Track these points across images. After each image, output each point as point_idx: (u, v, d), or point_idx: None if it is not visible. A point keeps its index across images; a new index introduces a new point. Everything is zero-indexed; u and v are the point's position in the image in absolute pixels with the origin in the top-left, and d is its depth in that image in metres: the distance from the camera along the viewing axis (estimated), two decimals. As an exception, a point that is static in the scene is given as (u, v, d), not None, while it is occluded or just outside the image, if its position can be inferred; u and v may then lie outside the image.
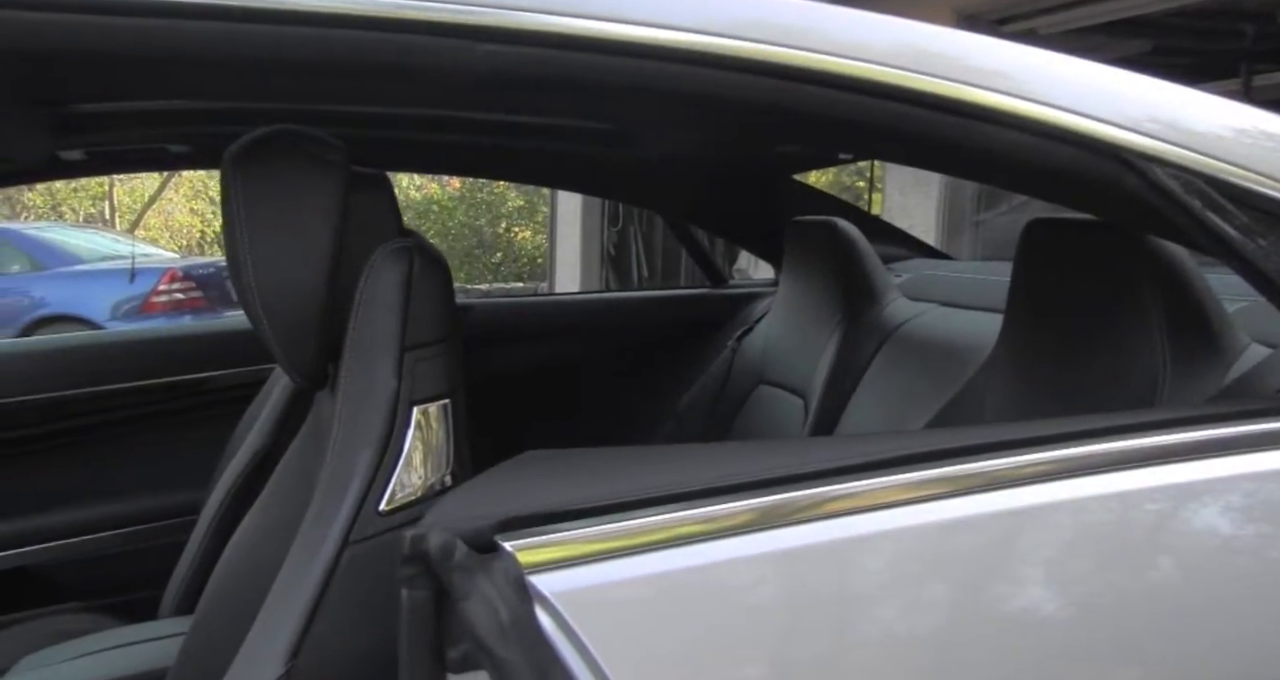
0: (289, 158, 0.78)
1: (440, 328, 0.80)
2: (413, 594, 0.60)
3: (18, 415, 1.68)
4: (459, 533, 0.58)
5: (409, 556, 0.59)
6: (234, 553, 1.05)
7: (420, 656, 0.60)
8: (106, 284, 5.80)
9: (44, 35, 0.62)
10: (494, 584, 0.56)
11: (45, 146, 1.41)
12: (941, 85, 0.70)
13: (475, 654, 0.59)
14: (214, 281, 6.17)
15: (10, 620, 1.54)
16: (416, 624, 0.60)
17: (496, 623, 0.56)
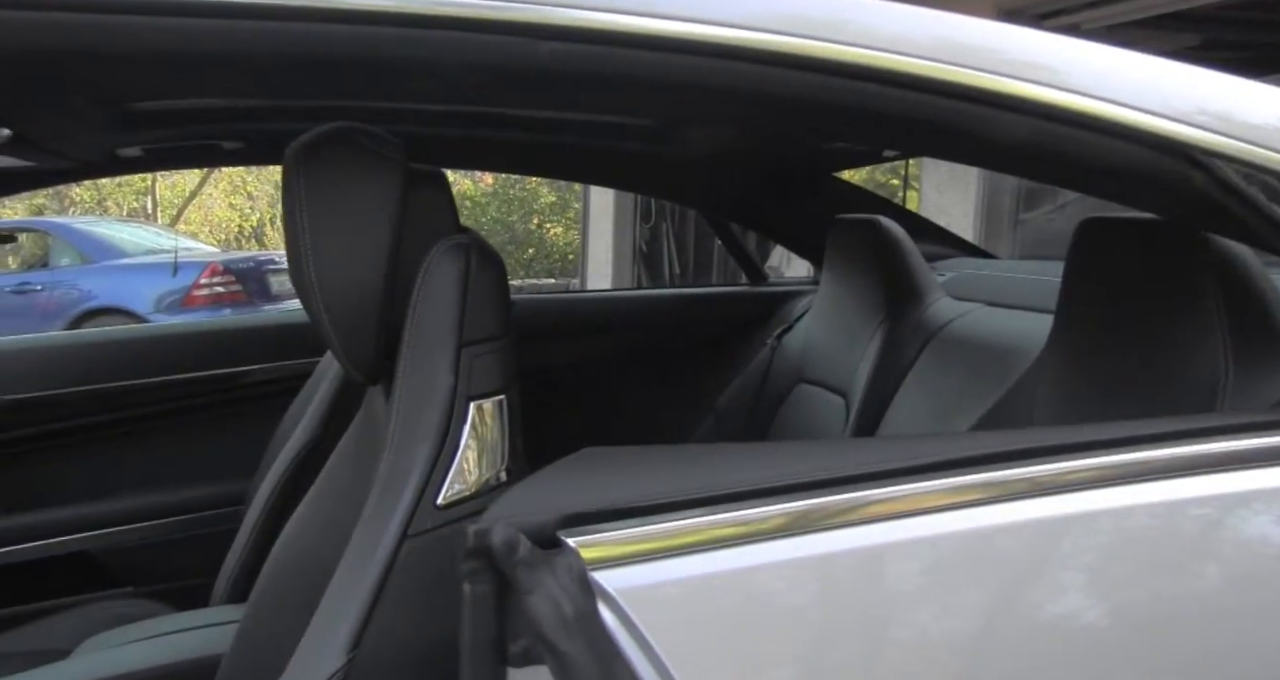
0: (350, 154, 0.79)
1: (496, 324, 0.80)
2: (475, 588, 0.60)
3: (76, 405, 1.73)
4: (522, 528, 0.59)
5: (472, 551, 0.60)
6: (285, 544, 1.07)
7: (482, 650, 0.61)
8: (150, 277, 5.92)
9: (109, 37, 0.63)
10: (557, 579, 0.57)
11: (106, 144, 1.44)
12: (997, 81, 0.70)
13: (537, 648, 0.60)
14: (253, 275, 6.28)
15: (70, 603, 1.58)
16: (478, 618, 0.60)
17: (560, 617, 0.56)
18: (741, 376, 1.96)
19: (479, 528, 0.60)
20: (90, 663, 1.15)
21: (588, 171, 1.95)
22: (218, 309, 5.86)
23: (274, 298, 6.33)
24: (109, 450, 1.79)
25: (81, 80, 0.81)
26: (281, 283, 6.53)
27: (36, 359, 1.76)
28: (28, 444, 1.71)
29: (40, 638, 1.44)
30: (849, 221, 1.69)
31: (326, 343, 0.84)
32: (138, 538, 1.75)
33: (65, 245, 6.17)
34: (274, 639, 1.04)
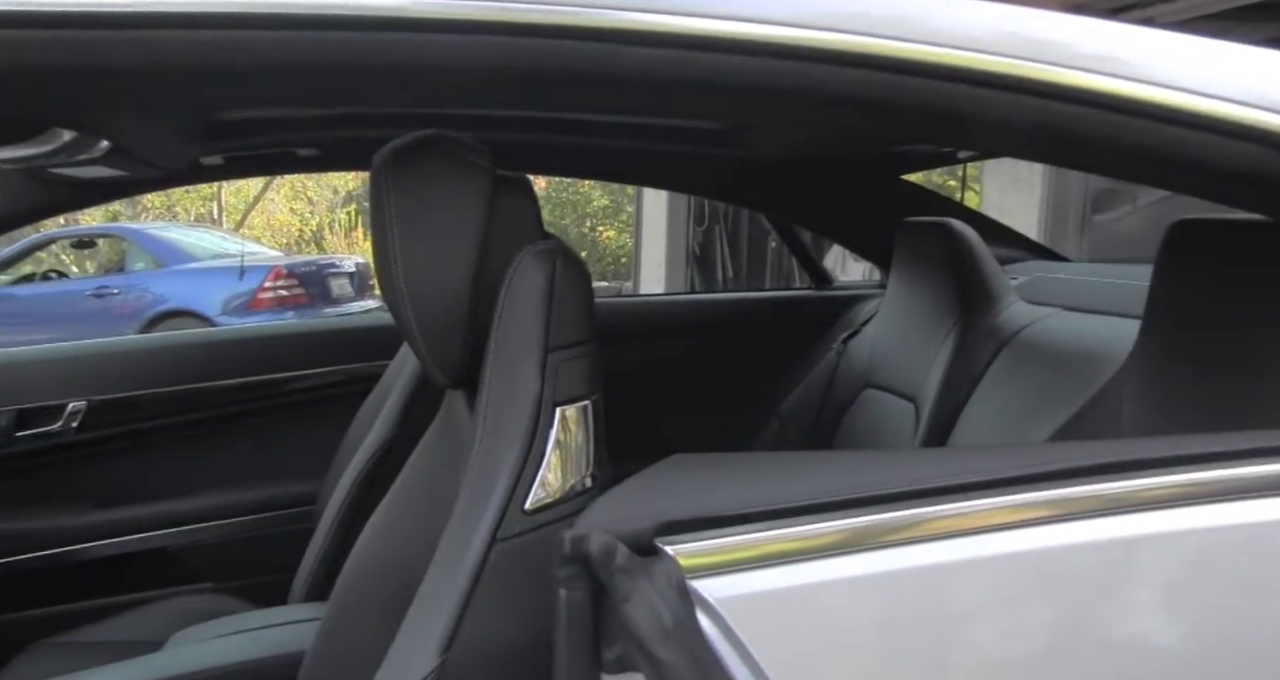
0: (439, 161, 0.81)
1: (582, 330, 0.81)
2: (570, 594, 0.61)
3: (159, 405, 1.78)
4: (619, 535, 0.59)
5: (568, 557, 0.60)
6: (365, 545, 1.09)
7: (577, 656, 0.61)
8: (218, 281, 6.10)
9: (201, 52, 0.65)
10: (655, 587, 0.57)
11: (191, 153, 1.49)
12: (1093, 80, 0.68)
13: (632, 655, 0.60)
14: (315, 279, 6.43)
15: (153, 596, 1.64)
16: (574, 624, 0.61)
17: (659, 625, 0.56)
18: (807, 381, 1.94)
19: (575, 534, 0.60)
20: (183, 655, 1.19)
21: (656, 176, 1.96)
22: (281, 311, 6.01)
23: (334, 301, 6.48)
24: (189, 450, 1.85)
25: (175, 94, 0.84)
26: (341, 286, 6.68)
27: (122, 361, 1.83)
28: (115, 443, 1.77)
29: (129, 629, 1.49)
30: (918, 224, 1.66)
31: (412, 347, 0.86)
32: (216, 535, 1.80)
33: (140, 250, 6.39)
34: (355, 636, 1.06)
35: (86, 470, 1.78)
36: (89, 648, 1.43)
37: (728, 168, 1.75)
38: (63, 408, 1.72)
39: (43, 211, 1.58)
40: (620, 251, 10.60)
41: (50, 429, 1.72)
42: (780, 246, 7.71)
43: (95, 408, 1.75)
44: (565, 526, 0.76)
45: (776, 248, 7.61)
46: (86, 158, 1.21)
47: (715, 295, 3.35)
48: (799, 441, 1.92)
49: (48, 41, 0.64)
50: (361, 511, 1.39)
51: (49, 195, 1.54)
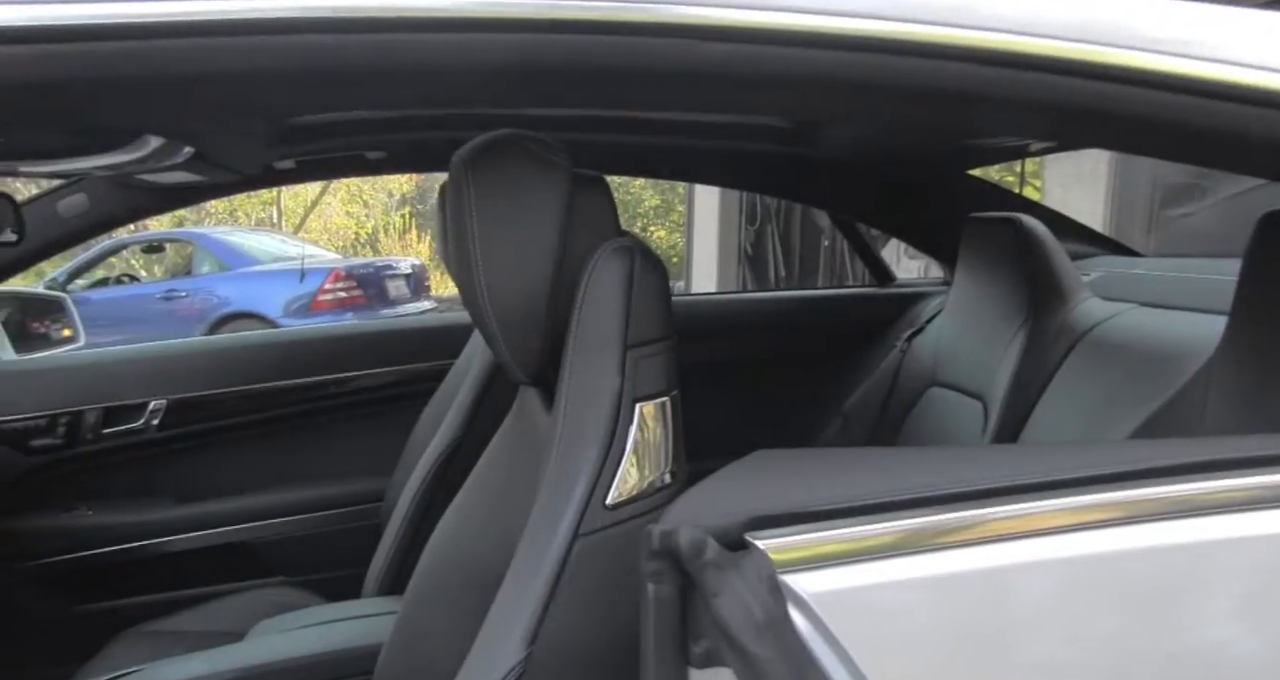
0: (519, 160, 0.82)
1: (661, 326, 0.81)
2: (658, 589, 0.61)
3: (235, 404, 1.84)
4: (708, 530, 0.59)
5: (656, 551, 0.61)
6: (439, 541, 1.11)
7: (665, 651, 0.61)
8: (279, 283, 6.26)
9: (278, 55, 0.67)
10: (746, 582, 0.57)
11: (266, 158, 1.53)
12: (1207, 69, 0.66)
13: (720, 651, 0.60)
14: (372, 280, 6.55)
15: (229, 589, 1.69)
16: (662, 619, 0.61)
17: (750, 620, 0.56)
18: (870, 379, 1.92)
19: (664, 528, 0.60)
20: (265, 645, 1.23)
21: (722, 174, 1.95)
22: (341, 313, 6.14)
23: (391, 302, 6.60)
24: (262, 448, 1.90)
25: (262, 99, 0.87)
26: (398, 288, 6.80)
27: (199, 361, 1.89)
28: (192, 440, 1.83)
29: (209, 619, 1.54)
30: (986, 219, 1.63)
31: (490, 345, 0.87)
32: (288, 530, 1.85)
33: (206, 254, 6.59)
34: (430, 629, 1.08)
35: (166, 467, 1.85)
36: (173, 636, 1.49)
37: (794, 165, 1.74)
38: (145, 406, 1.79)
39: (128, 216, 1.64)
40: (672, 251, 10.59)
41: (133, 426, 1.78)
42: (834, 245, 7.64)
43: (174, 406, 1.81)
44: (646, 522, 0.76)
45: (829, 247, 7.54)
46: (171, 164, 1.26)
47: (777, 293, 3.32)
48: (862, 440, 1.90)
49: (142, 52, 0.66)
50: (432, 509, 1.42)
51: (134, 200, 1.60)
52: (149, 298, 6.39)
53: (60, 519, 1.73)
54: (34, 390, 1.71)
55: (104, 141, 1.06)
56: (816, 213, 7.64)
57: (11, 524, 1.69)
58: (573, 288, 0.82)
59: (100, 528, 1.75)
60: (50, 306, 1.91)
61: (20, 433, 1.68)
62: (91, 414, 1.74)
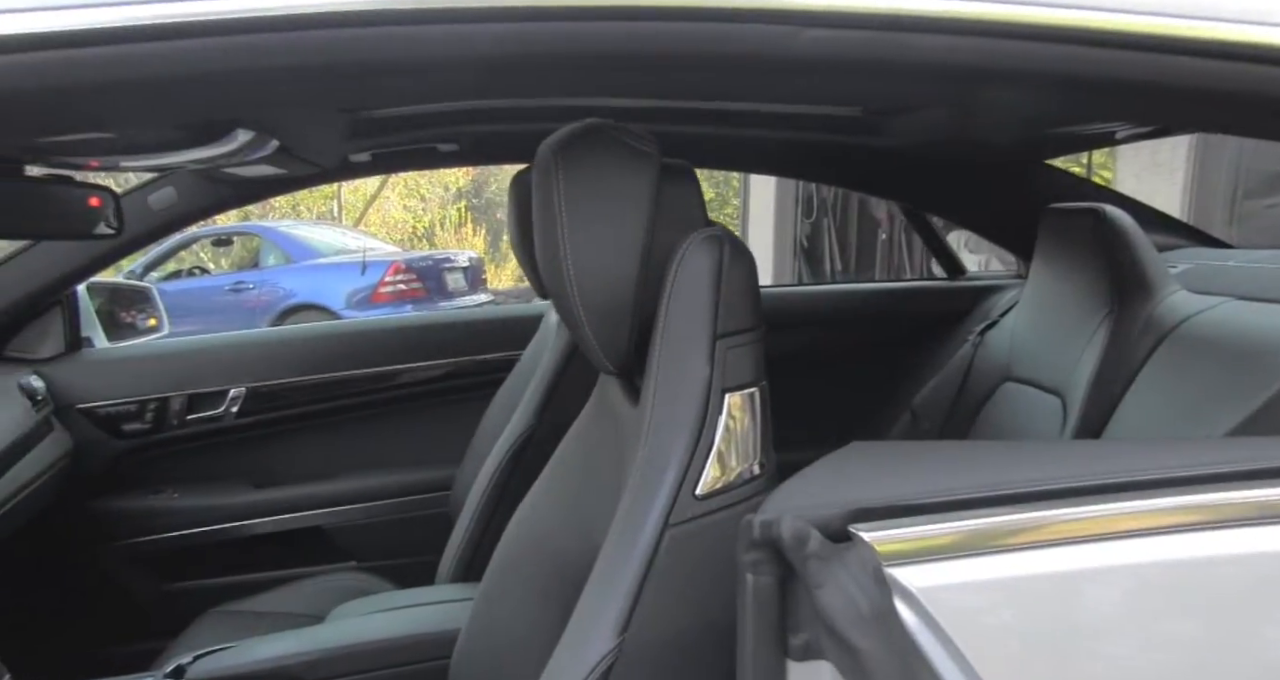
0: (608, 150, 0.82)
1: (750, 317, 0.81)
2: (757, 579, 0.61)
3: (307, 392, 1.89)
4: (811, 520, 0.58)
5: (757, 542, 0.60)
6: (516, 529, 1.12)
7: (763, 642, 0.61)
8: (342, 276, 6.39)
9: (364, 48, 0.68)
10: (850, 574, 0.56)
11: (343, 151, 1.56)
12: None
13: (820, 643, 0.59)
14: (431, 273, 6.65)
15: (304, 573, 1.74)
16: (761, 610, 0.61)
17: (855, 612, 0.56)
18: (941, 374, 1.88)
19: (764, 518, 0.60)
20: (346, 627, 1.26)
21: (793, 165, 1.93)
22: (401, 305, 6.25)
23: (449, 294, 6.69)
24: (335, 435, 1.95)
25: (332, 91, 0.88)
26: (456, 280, 6.89)
27: (276, 350, 1.94)
28: (270, 427, 1.89)
29: (287, 602, 1.59)
30: (1066, 210, 1.59)
31: (575, 334, 0.87)
32: (359, 517, 1.89)
33: (272, 247, 6.77)
34: (508, 616, 1.10)
35: (244, 453, 1.90)
36: (253, 617, 1.53)
37: (866, 156, 1.71)
38: (225, 393, 1.85)
39: (213, 208, 1.69)
40: (725, 244, 10.52)
41: (214, 413, 1.84)
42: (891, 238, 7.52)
43: (252, 394, 1.86)
44: (736, 513, 0.76)
45: (887, 240, 7.42)
46: (258, 157, 1.29)
47: (845, 286, 3.27)
48: (932, 435, 1.87)
49: (235, 47, 0.67)
50: (504, 498, 1.43)
51: (218, 193, 1.65)
52: (218, 289, 6.58)
53: (148, 501, 1.79)
54: (125, 377, 1.78)
55: (200, 136, 1.09)
56: (873, 206, 7.54)
57: (105, 505, 1.76)
58: (660, 277, 0.81)
59: (184, 510, 1.81)
60: (137, 296, 1.98)
61: (113, 417, 1.75)
62: (177, 400, 1.80)
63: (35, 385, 1.61)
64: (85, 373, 1.75)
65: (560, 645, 0.76)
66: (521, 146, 1.75)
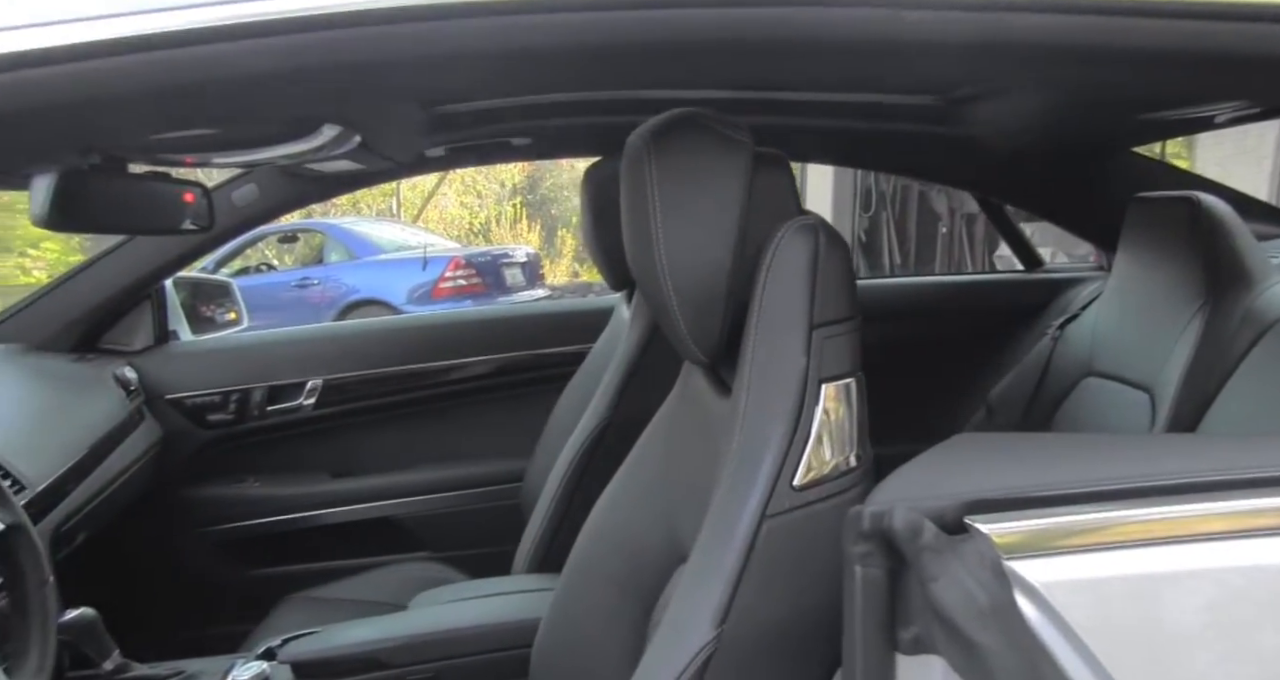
0: (702, 138, 0.81)
1: (846, 306, 0.79)
2: (866, 571, 0.60)
3: (381, 385, 1.92)
4: (924, 512, 0.57)
5: (866, 533, 0.59)
6: (597, 519, 1.12)
7: (872, 635, 0.60)
8: (403, 271, 6.50)
9: (442, 41, 0.68)
10: (967, 567, 0.55)
11: (419, 146, 1.59)
12: None
13: (931, 637, 0.58)
14: (490, 268, 6.73)
15: (378, 562, 1.77)
16: (870, 602, 0.60)
17: (973, 607, 0.54)
18: (1018, 368, 1.83)
19: (875, 509, 0.59)
20: (430, 615, 1.28)
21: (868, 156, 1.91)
22: (460, 300, 6.33)
23: (508, 289, 6.75)
24: (407, 427, 1.98)
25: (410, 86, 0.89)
26: (514, 275, 6.95)
27: (351, 343, 1.98)
28: (346, 419, 1.93)
29: (364, 589, 1.62)
30: (1156, 199, 1.53)
31: (665, 325, 0.87)
32: (432, 507, 1.92)
33: (336, 243, 6.91)
34: (588, 605, 1.10)
35: (321, 443, 1.95)
36: (334, 604, 1.57)
37: (943, 145, 1.68)
38: (303, 385, 1.89)
39: (293, 203, 1.73)
40: (781, 239, 10.42)
41: (293, 405, 1.89)
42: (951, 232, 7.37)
43: (329, 386, 1.90)
44: (834, 505, 0.75)
45: (947, 234, 7.28)
46: (340, 152, 1.31)
47: (918, 278, 3.22)
48: (1009, 430, 1.82)
49: (327, 42, 0.69)
50: (579, 490, 1.44)
51: (297, 189, 1.69)
52: (284, 285, 6.75)
53: (232, 489, 1.85)
54: (209, 369, 1.84)
55: (290, 132, 1.11)
56: (933, 199, 7.40)
57: (192, 492, 1.82)
58: (754, 267, 0.81)
59: (265, 499, 1.86)
60: (218, 291, 2.04)
61: (199, 408, 1.81)
62: (258, 392, 1.85)
63: (128, 376, 1.67)
64: (173, 364, 1.81)
65: (657, 636, 0.76)
66: (594, 140, 1.77)
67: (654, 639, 0.76)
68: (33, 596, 0.90)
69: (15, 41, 0.65)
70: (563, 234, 13.16)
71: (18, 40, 0.66)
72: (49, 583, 0.94)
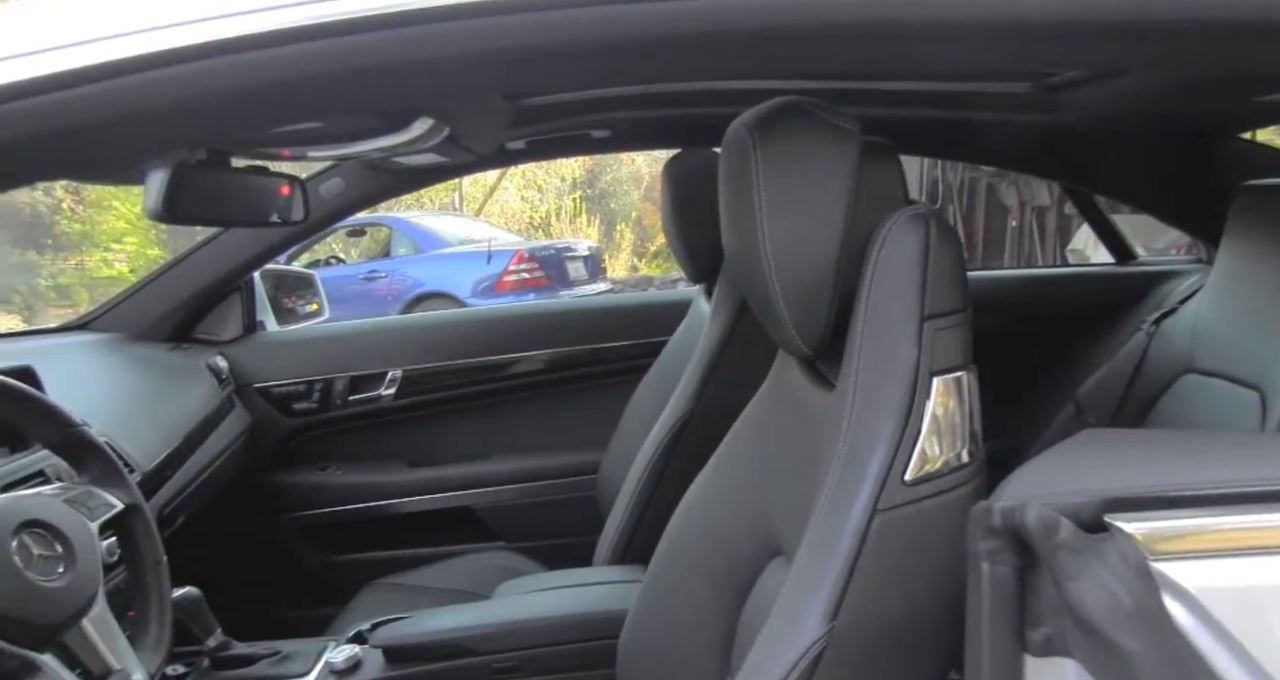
0: (809, 127, 0.80)
1: (958, 297, 0.77)
2: (994, 568, 0.58)
3: (458, 376, 1.95)
4: (1059, 509, 0.55)
5: (996, 529, 0.57)
6: (686, 511, 1.12)
7: (999, 635, 0.58)
8: (467, 264, 6.58)
9: (533, 33, 0.67)
10: (1109, 567, 0.53)
11: (501, 138, 1.60)
12: None
13: (1064, 639, 0.56)
14: (554, 262, 6.77)
15: (455, 551, 1.80)
16: (998, 601, 0.58)
17: (1118, 609, 0.52)
18: (1110, 364, 1.77)
19: (1006, 505, 0.57)
20: (516, 604, 1.29)
21: (952, 146, 1.86)
22: (524, 293, 6.38)
23: (570, 283, 6.79)
24: (484, 418, 2.00)
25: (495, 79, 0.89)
26: (577, 269, 6.99)
27: (431, 335, 2.01)
28: (424, 409, 1.96)
29: (444, 578, 1.64)
30: (1270, 187, 1.46)
31: (765, 317, 0.86)
32: (507, 498, 1.94)
33: (403, 236, 7.04)
34: (678, 598, 1.10)
35: (400, 433, 1.98)
36: (415, 590, 1.59)
37: (1035, 134, 1.62)
38: (383, 376, 1.92)
39: (377, 197, 1.76)
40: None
41: (373, 394, 1.92)
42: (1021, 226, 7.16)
43: (408, 377, 1.94)
44: (947, 500, 0.73)
45: (1016, 227, 7.09)
46: (429, 145, 1.33)
47: (1003, 272, 3.12)
48: (1098, 429, 1.76)
49: (429, 36, 0.68)
50: (662, 482, 1.44)
51: (381, 182, 1.72)
52: (353, 278, 6.89)
53: (316, 476, 1.89)
54: (294, 358, 1.88)
55: (386, 126, 1.13)
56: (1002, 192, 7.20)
57: (279, 479, 1.87)
58: (860, 257, 0.79)
59: (346, 486, 1.90)
60: (301, 282, 2.08)
61: (285, 396, 1.86)
62: (340, 381, 1.89)
63: (220, 365, 1.72)
64: (260, 354, 1.86)
65: (766, 631, 0.75)
66: (673, 131, 1.76)
67: (761, 633, 0.75)
68: (149, 574, 0.94)
69: (141, 44, 0.67)
70: (621, 228, 13.19)
71: (145, 43, 0.67)
72: (163, 561, 0.97)
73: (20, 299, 7.85)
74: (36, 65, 0.59)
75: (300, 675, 1.17)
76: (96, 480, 0.94)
